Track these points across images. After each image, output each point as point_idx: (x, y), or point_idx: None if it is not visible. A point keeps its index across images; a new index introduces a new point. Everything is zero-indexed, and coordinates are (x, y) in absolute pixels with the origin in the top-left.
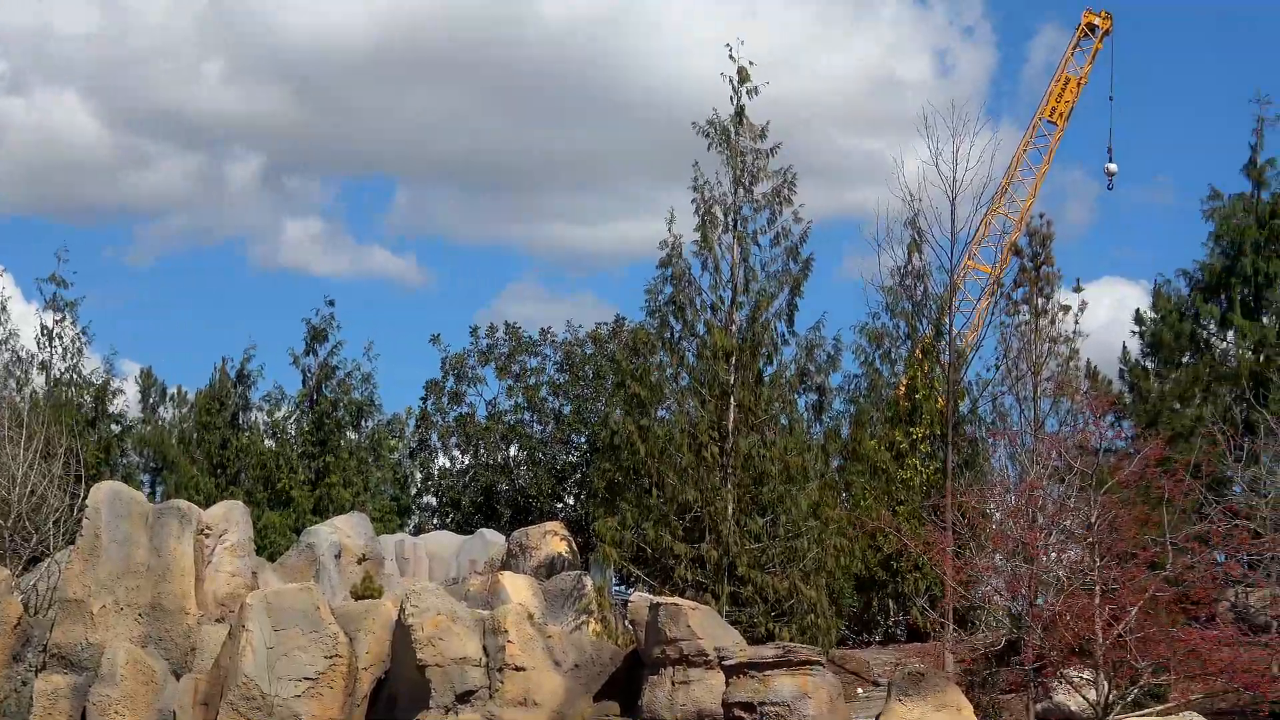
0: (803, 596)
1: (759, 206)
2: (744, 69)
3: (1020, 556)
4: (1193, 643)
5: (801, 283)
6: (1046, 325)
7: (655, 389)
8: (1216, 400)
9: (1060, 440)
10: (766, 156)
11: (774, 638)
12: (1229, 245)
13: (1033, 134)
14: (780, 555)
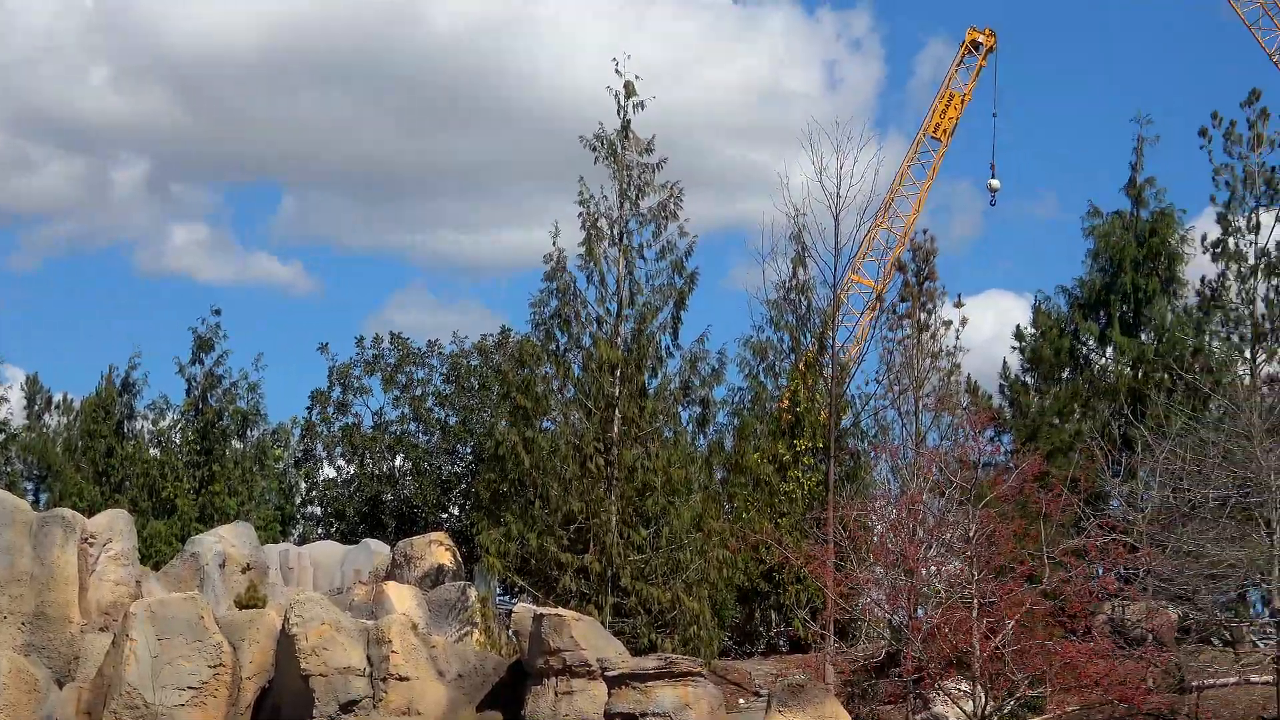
0: (685, 608)
1: (645, 220)
2: (630, 83)
3: (900, 569)
4: (1068, 655)
5: (686, 296)
6: (928, 340)
7: (540, 401)
8: (1095, 416)
9: (940, 454)
10: (653, 170)
11: (657, 649)
12: (1108, 263)
13: (916, 150)
14: (663, 566)
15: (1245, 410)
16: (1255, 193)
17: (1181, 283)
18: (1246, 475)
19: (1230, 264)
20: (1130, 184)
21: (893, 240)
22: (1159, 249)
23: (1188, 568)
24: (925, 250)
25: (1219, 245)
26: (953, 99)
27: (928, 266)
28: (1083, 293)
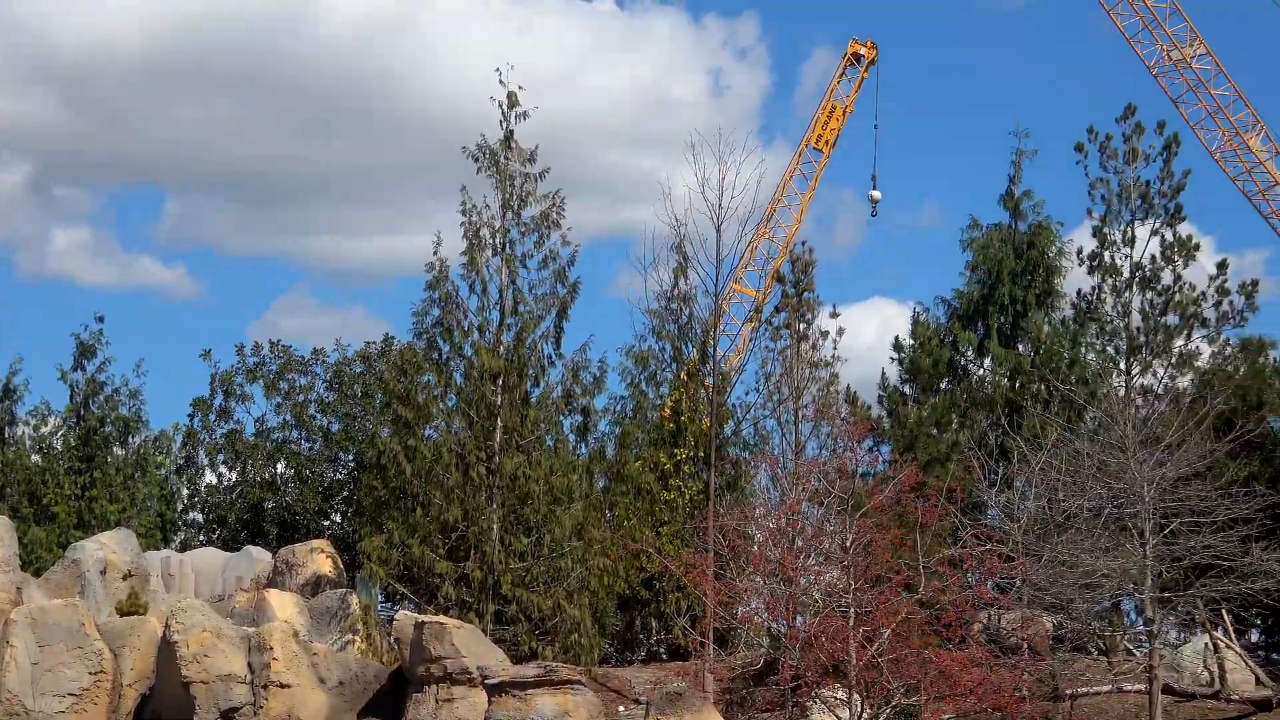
0: (566, 615)
1: (527, 229)
2: (513, 94)
3: (779, 578)
4: (943, 664)
5: (569, 305)
6: (807, 350)
7: (422, 409)
8: (972, 426)
9: (819, 464)
10: (535, 180)
11: (537, 656)
12: (987, 274)
13: (799, 160)
14: (544, 574)
15: (1119, 422)
16: (1131, 207)
17: (1058, 295)
18: (1120, 486)
19: (1106, 277)
20: (1008, 197)
21: (775, 250)
22: (1036, 261)
23: (1062, 577)
24: (804, 262)
25: (1095, 258)
26: (835, 110)
27: (806, 278)
28: (961, 304)
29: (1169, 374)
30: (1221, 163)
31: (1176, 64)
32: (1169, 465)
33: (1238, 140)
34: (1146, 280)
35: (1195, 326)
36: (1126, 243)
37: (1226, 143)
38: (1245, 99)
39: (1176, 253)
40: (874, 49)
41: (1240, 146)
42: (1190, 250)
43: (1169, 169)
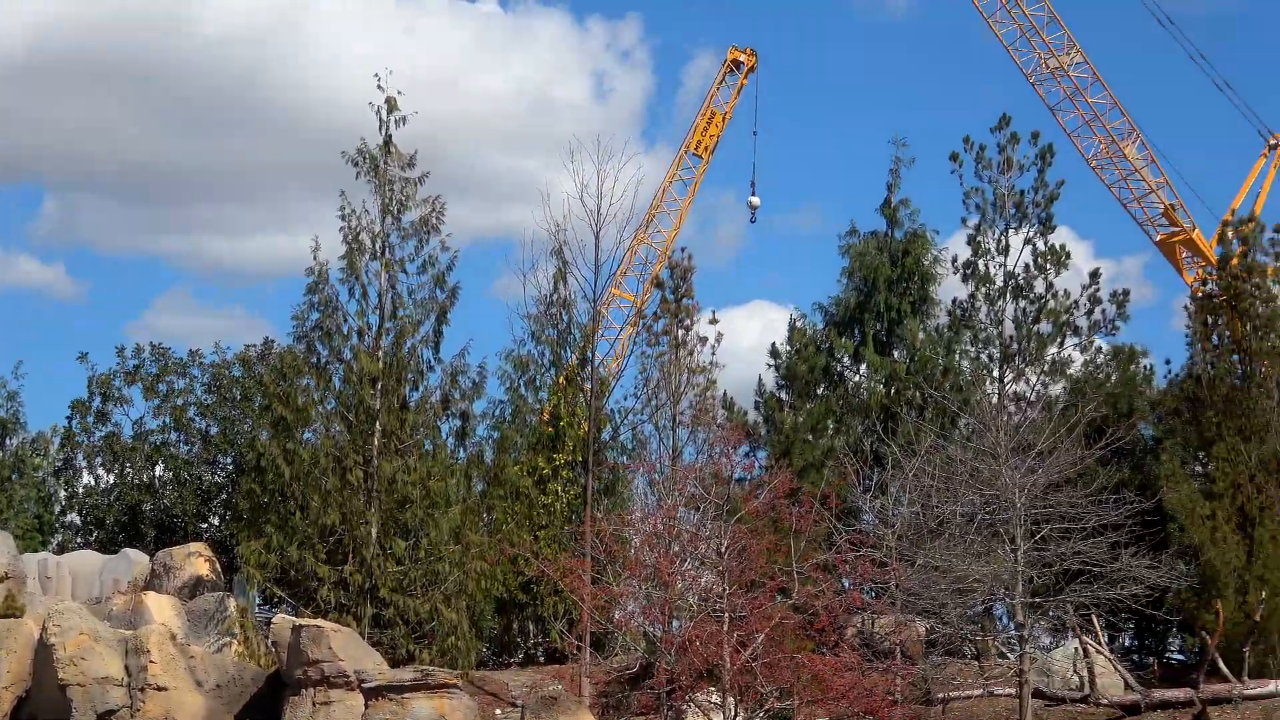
0: (444, 619)
1: (407, 234)
2: (392, 99)
3: (655, 582)
4: (816, 668)
5: (448, 310)
6: (686, 356)
7: (301, 412)
8: (848, 432)
9: (696, 469)
10: (415, 185)
11: (415, 660)
12: (863, 281)
13: (678, 166)
14: (422, 578)
15: (992, 429)
16: (1005, 215)
17: (933, 302)
18: (992, 492)
19: (980, 285)
20: (886, 205)
21: (654, 255)
22: (912, 269)
23: (935, 582)
24: (683, 268)
25: (969, 267)
26: (714, 117)
27: (685, 284)
28: (838, 311)
29: (1041, 381)
30: (1098, 170)
31: (1054, 72)
32: (1040, 472)
33: (1114, 148)
34: (1020, 289)
35: (1068, 334)
36: (1000, 251)
37: (1103, 150)
38: (1121, 107)
39: (1049, 261)
40: (753, 56)
41: (1116, 154)
42: (1062, 259)
43: (1043, 178)
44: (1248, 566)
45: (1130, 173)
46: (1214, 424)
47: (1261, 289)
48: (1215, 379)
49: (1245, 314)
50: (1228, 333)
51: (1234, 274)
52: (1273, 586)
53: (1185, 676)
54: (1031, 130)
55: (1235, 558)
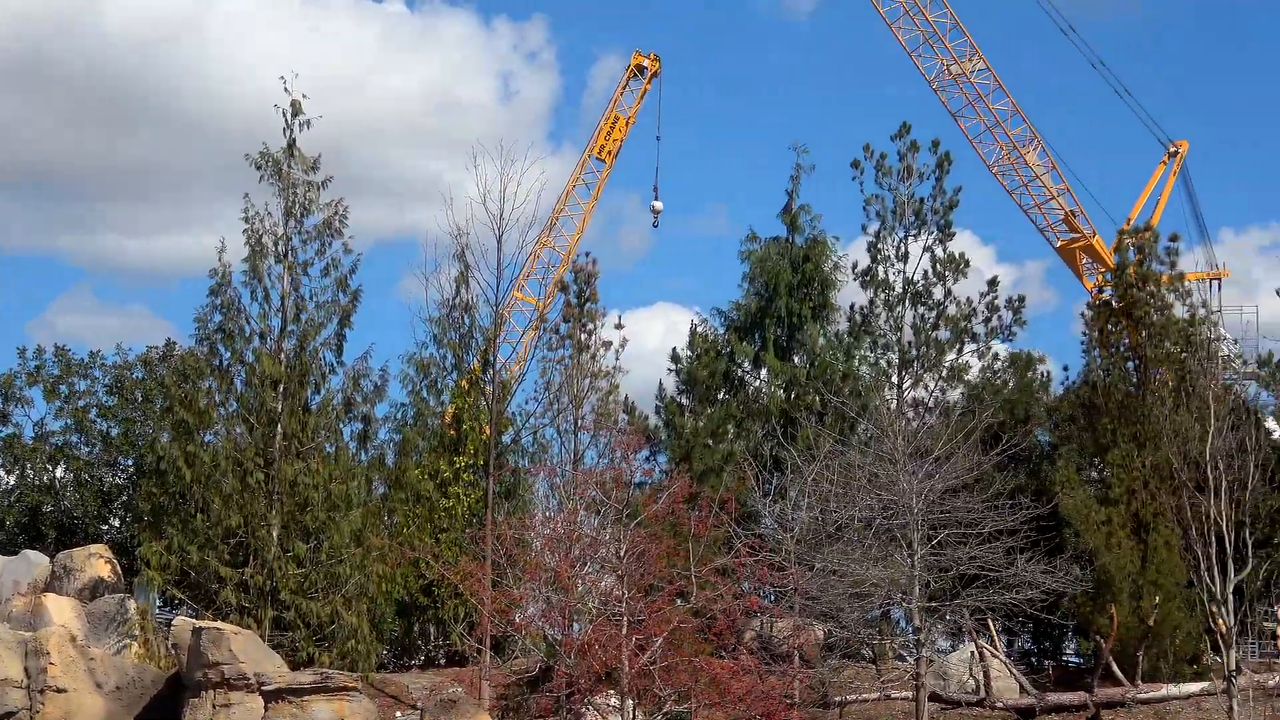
0: (344, 622)
1: (310, 237)
2: (297, 102)
3: (555, 586)
4: (714, 671)
5: (351, 313)
6: (588, 361)
7: (203, 414)
8: (748, 437)
9: (596, 473)
10: (318, 188)
11: (315, 662)
12: (764, 287)
13: (582, 170)
14: (323, 581)
15: (890, 434)
16: (905, 223)
17: (834, 308)
18: (891, 498)
19: (879, 292)
20: (786, 210)
21: (557, 259)
22: (813, 275)
23: (833, 586)
24: (586, 272)
25: (869, 273)
26: (618, 122)
27: (589, 288)
28: (739, 316)
29: (940, 387)
30: (999, 176)
31: (956, 78)
32: (938, 477)
33: (1015, 154)
34: (919, 295)
35: (966, 341)
36: (900, 258)
37: (1004, 157)
38: (1023, 113)
39: (948, 268)
40: (657, 61)
41: (1017, 160)
42: (961, 266)
43: (941, 186)
44: (1142, 571)
45: (1031, 179)
46: (1109, 430)
47: (1156, 297)
48: (1111, 386)
49: (1140, 322)
50: (1124, 340)
51: (1130, 282)
52: (1166, 591)
53: (1080, 680)
54: (932, 138)
55: (1130, 563)
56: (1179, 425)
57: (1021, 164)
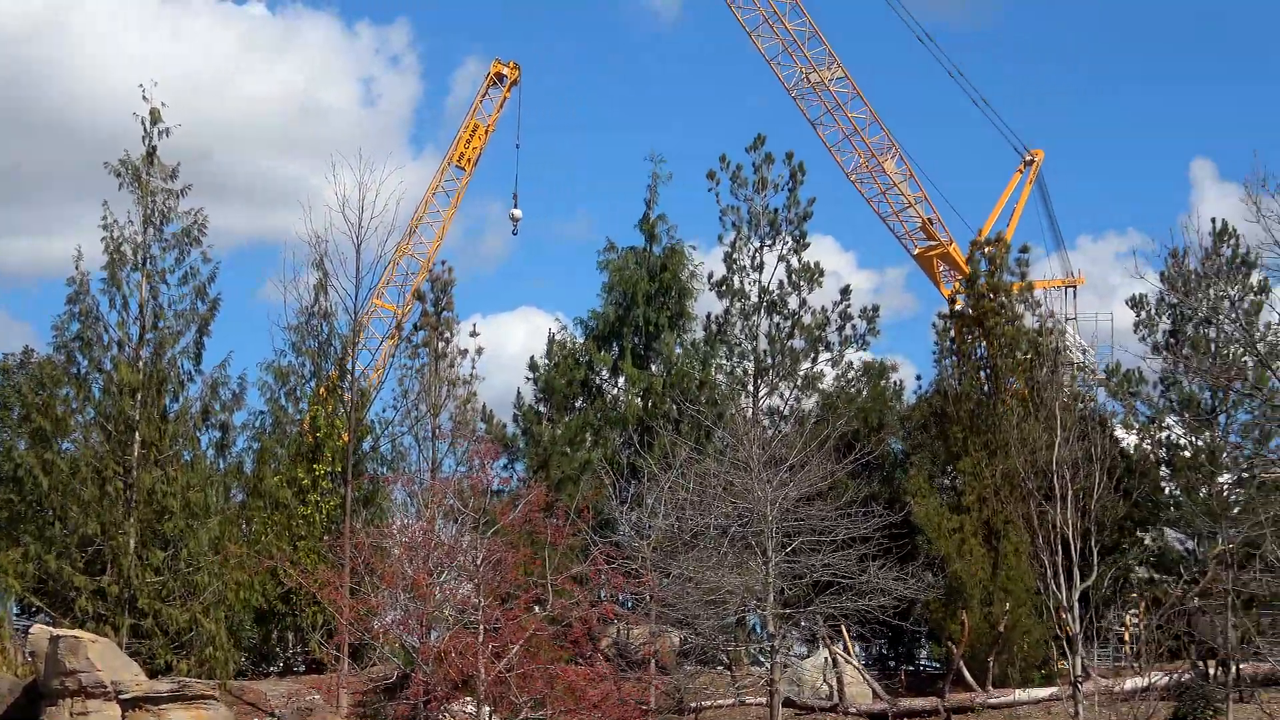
0: (202, 629)
1: (169, 246)
2: (156, 110)
3: (412, 594)
4: (570, 678)
5: (209, 322)
6: (446, 369)
7: (60, 422)
8: (605, 445)
9: (454, 481)
10: (177, 196)
11: (173, 670)
12: (622, 296)
13: (441, 177)
14: (181, 588)
15: (745, 442)
16: (760, 233)
17: (690, 317)
18: (746, 505)
19: (735, 301)
20: (644, 220)
21: (416, 265)
22: (670, 284)
23: (689, 593)
24: (444, 281)
25: (725, 283)
26: (477, 130)
27: (446, 297)
28: (597, 324)
29: (795, 396)
30: (857, 184)
31: (815, 86)
32: (792, 485)
33: (873, 162)
34: (774, 305)
35: (820, 350)
36: (755, 268)
37: (862, 165)
38: (881, 122)
39: (802, 278)
40: (517, 69)
41: (875, 168)
42: (815, 276)
43: (795, 197)
44: (992, 578)
45: (889, 187)
46: (961, 439)
47: (1007, 308)
48: (962, 395)
49: (991, 332)
50: (977, 349)
51: (981, 293)
52: (1016, 598)
53: (933, 685)
54: (786, 150)
55: (981, 570)
56: (1027, 434)
57: (879, 172)
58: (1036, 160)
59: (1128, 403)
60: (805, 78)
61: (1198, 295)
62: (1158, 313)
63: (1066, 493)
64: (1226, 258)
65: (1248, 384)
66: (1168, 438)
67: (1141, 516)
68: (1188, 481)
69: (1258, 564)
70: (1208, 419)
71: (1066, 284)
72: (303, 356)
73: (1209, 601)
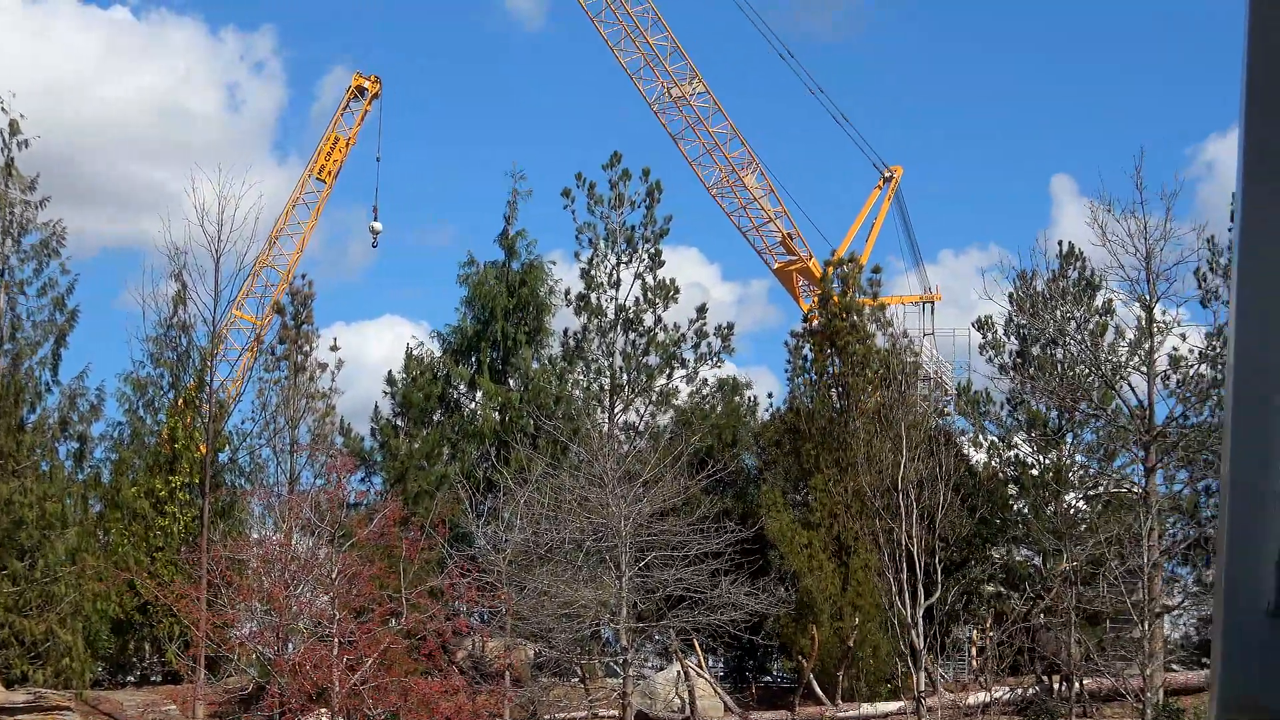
0: (59, 640)
1: (27, 257)
2: (15, 122)
3: (269, 607)
4: (423, 691)
5: (67, 333)
6: (305, 382)
7: None
8: (463, 459)
9: (311, 495)
10: (36, 208)
11: (29, 681)
12: (481, 310)
13: (302, 189)
14: (37, 599)
15: (600, 458)
16: (617, 251)
17: (548, 333)
18: (600, 520)
19: (592, 318)
20: (504, 235)
21: (276, 276)
22: (528, 300)
23: (544, 606)
24: (303, 295)
25: (582, 300)
26: (338, 142)
27: (305, 310)
28: (456, 339)
29: (650, 412)
30: (718, 198)
31: (676, 101)
32: (646, 500)
33: (734, 177)
34: (629, 322)
35: (675, 366)
36: (612, 285)
37: (723, 179)
38: (741, 137)
39: (658, 295)
40: (378, 83)
41: (736, 183)
42: (671, 294)
43: (651, 215)
44: (843, 593)
45: (749, 201)
46: (813, 456)
47: (859, 329)
48: (815, 412)
49: (843, 351)
50: (830, 368)
51: (833, 312)
52: (865, 613)
53: (784, 699)
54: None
55: (831, 585)
56: (874, 453)
57: (740, 186)
58: (895, 177)
59: (976, 421)
60: (667, 92)
61: (1044, 317)
62: (1006, 333)
63: (912, 511)
64: (1073, 280)
65: (1092, 404)
66: (1016, 456)
67: (990, 533)
68: (1035, 499)
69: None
70: (1055, 438)
71: (924, 299)
72: (161, 368)
73: (1053, 618)
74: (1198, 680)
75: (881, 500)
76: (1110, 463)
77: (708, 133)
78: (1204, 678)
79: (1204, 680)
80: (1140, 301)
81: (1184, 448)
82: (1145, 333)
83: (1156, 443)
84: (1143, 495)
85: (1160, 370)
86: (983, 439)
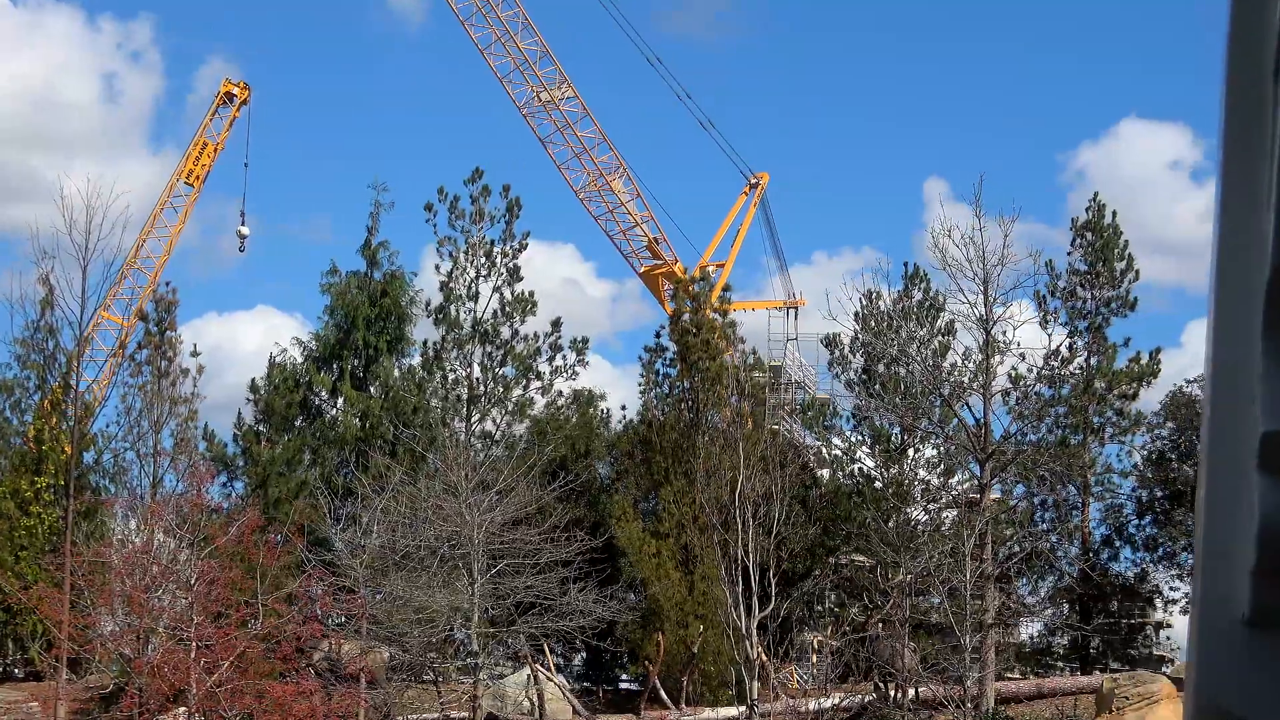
0: None
1: None
2: None
3: (129, 609)
4: (277, 694)
5: None
6: (168, 387)
7: None
8: (323, 465)
9: (174, 499)
10: None
11: None
12: (344, 319)
13: (170, 194)
14: None
15: (456, 467)
16: (476, 265)
17: (409, 342)
18: (454, 528)
19: (451, 330)
20: (366, 246)
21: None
22: (390, 309)
23: (399, 611)
24: (168, 302)
25: (441, 311)
26: (206, 147)
27: (170, 317)
28: (318, 347)
29: (506, 422)
30: (586, 202)
31: (545, 105)
32: (499, 509)
33: (601, 181)
34: (487, 334)
35: (531, 378)
36: (471, 297)
37: (590, 183)
38: (610, 142)
39: (515, 309)
40: (247, 89)
41: (603, 187)
42: (528, 308)
43: (510, 231)
44: (688, 601)
45: (616, 205)
46: (663, 467)
47: (711, 346)
48: (666, 424)
49: (694, 366)
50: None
51: (685, 329)
52: (708, 621)
53: (631, 703)
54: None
55: (677, 593)
56: (713, 467)
57: (607, 191)
58: (761, 183)
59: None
60: (536, 96)
61: (888, 336)
62: (852, 350)
63: (749, 526)
64: (917, 300)
65: (933, 422)
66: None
67: (833, 544)
68: (878, 512)
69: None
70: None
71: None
72: (28, 370)
73: (890, 627)
74: (1029, 688)
75: (719, 515)
76: (949, 478)
77: (576, 137)
78: (1034, 686)
79: (1034, 689)
80: (978, 323)
81: (1019, 464)
82: (984, 353)
83: (993, 459)
84: (980, 508)
85: (1000, 389)
86: (827, 453)
